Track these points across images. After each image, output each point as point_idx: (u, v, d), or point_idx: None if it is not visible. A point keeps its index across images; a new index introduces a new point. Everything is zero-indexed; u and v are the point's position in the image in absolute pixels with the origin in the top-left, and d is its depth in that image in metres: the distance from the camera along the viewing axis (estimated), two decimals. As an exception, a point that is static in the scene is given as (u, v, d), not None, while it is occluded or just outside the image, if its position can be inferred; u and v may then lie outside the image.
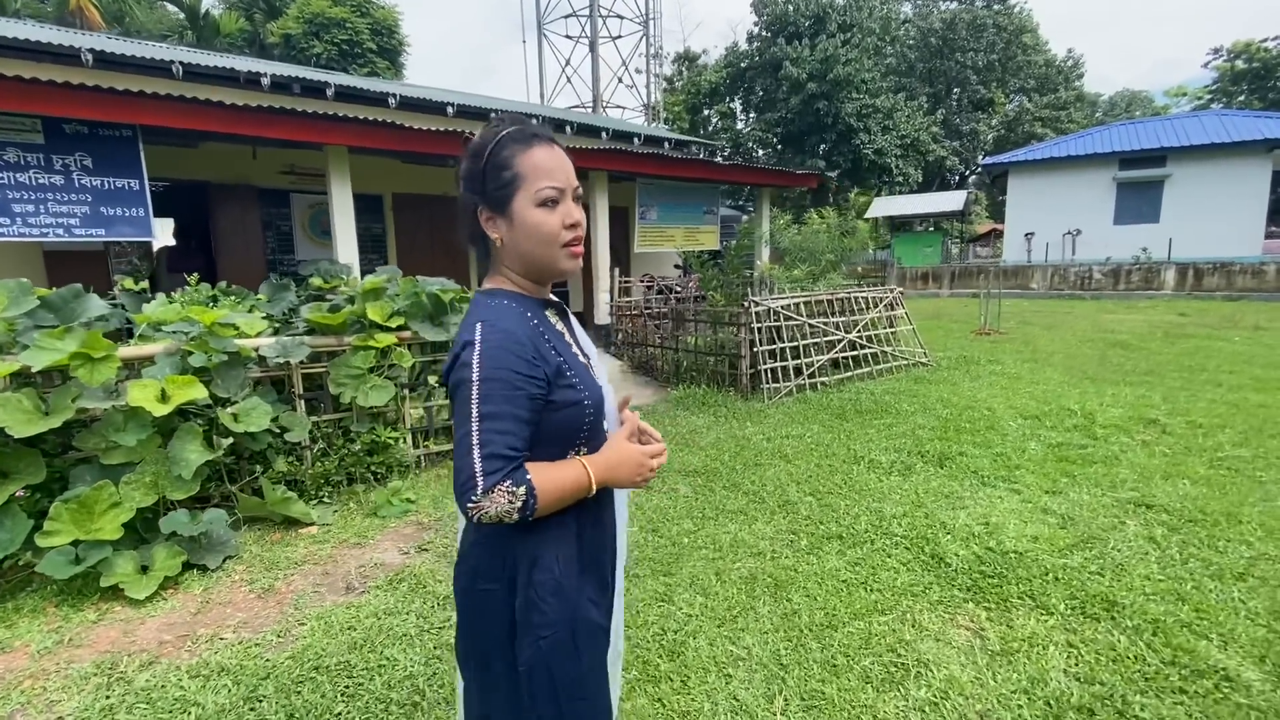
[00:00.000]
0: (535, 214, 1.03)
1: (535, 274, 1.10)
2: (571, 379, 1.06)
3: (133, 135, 5.05)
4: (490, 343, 0.99)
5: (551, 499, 0.99)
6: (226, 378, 3.45)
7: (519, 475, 0.96)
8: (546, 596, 1.06)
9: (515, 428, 0.97)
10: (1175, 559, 2.90)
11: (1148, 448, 4.45)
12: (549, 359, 1.03)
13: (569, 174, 1.07)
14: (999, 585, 2.71)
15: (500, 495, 0.94)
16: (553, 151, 1.06)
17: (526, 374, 0.99)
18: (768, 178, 9.59)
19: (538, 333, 1.05)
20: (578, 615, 1.08)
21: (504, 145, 1.04)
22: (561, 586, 1.07)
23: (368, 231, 8.15)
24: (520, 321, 1.03)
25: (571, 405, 1.05)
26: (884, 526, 3.30)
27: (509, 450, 0.96)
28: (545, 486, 0.98)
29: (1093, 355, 8.05)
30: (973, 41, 28.18)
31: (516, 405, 0.98)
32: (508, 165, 1.03)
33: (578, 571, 1.11)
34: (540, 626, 1.06)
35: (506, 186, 1.03)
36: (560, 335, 1.12)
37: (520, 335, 1.01)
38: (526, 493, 0.95)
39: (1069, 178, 17.19)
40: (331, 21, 20.03)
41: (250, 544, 3.29)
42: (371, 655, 2.33)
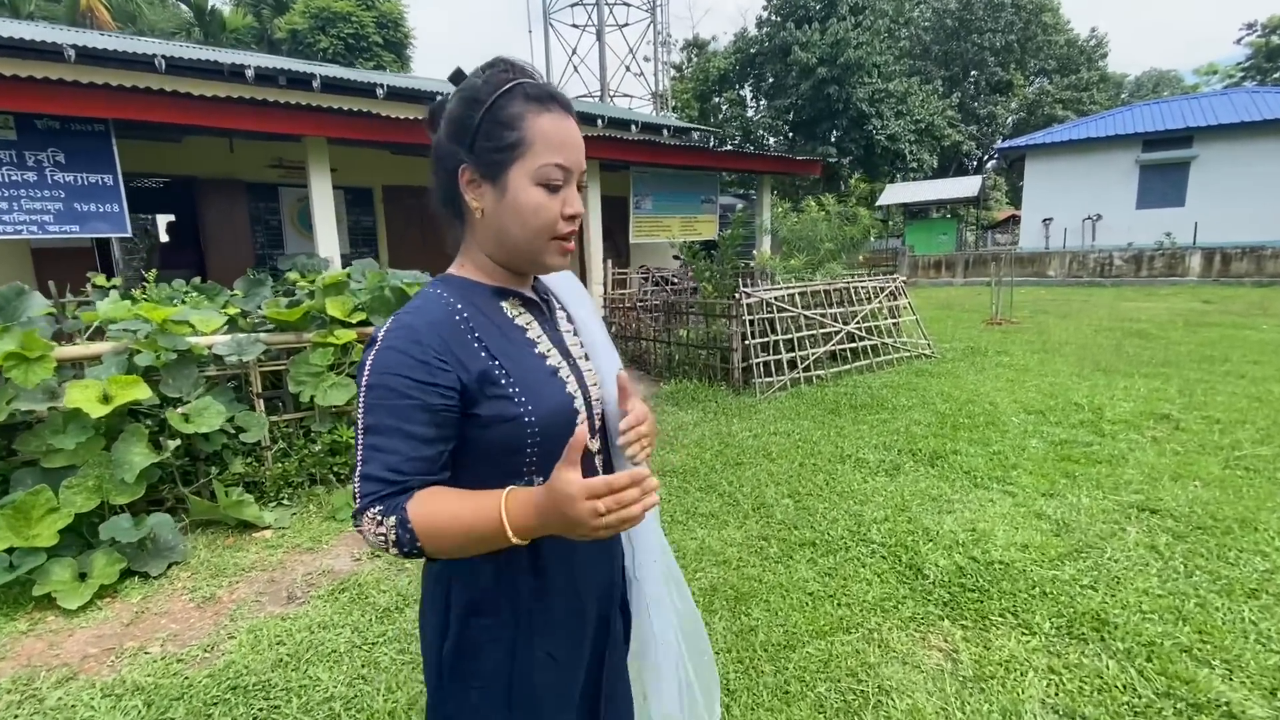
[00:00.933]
0: (533, 193, 0.84)
1: (513, 262, 0.91)
2: (508, 388, 0.84)
3: (105, 130, 4.96)
4: (387, 342, 0.81)
5: (443, 537, 0.77)
6: (178, 377, 3.33)
7: (392, 503, 0.77)
8: (484, 643, 0.89)
9: (403, 446, 0.79)
10: (1179, 571, 2.66)
11: (1158, 445, 4.18)
12: (469, 363, 0.83)
13: (580, 155, 0.87)
14: (979, 600, 2.50)
15: (368, 523, 0.78)
16: (568, 123, 0.86)
17: (424, 380, 0.79)
18: (766, 164, 9.30)
19: (461, 329, 0.84)
20: (519, 672, 0.90)
21: (513, 98, 0.83)
22: (503, 636, 0.90)
23: (358, 224, 8.06)
24: (438, 314, 0.84)
25: (506, 421, 0.84)
26: (862, 532, 3.09)
27: (388, 473, 0.78)
28: (430, 522, 0.76)
29: (1108, 345, 7.71)
30: (990, 22, 27.35)
31: (406, 419, 0.79)
32: (512, 125, 0.83)
33: (534, 622, 0.91)
34: (472, 675, 0.90)
35: (505, 150, 0.83)
36: (517, 330, 0.91)
37: (423, 333, 0.81)
38: (397, 525, 0.76)
39: (1089, 161, 16.61)
40: (337, 15, 20.02)
41: (200, 549, 3.17)
42: (294, 674, 2.20)
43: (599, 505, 0.71)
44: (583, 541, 0.81)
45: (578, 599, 0.96)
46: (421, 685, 2.12)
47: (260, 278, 4.64)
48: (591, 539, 0.75)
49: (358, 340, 3.83)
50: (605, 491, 0.71)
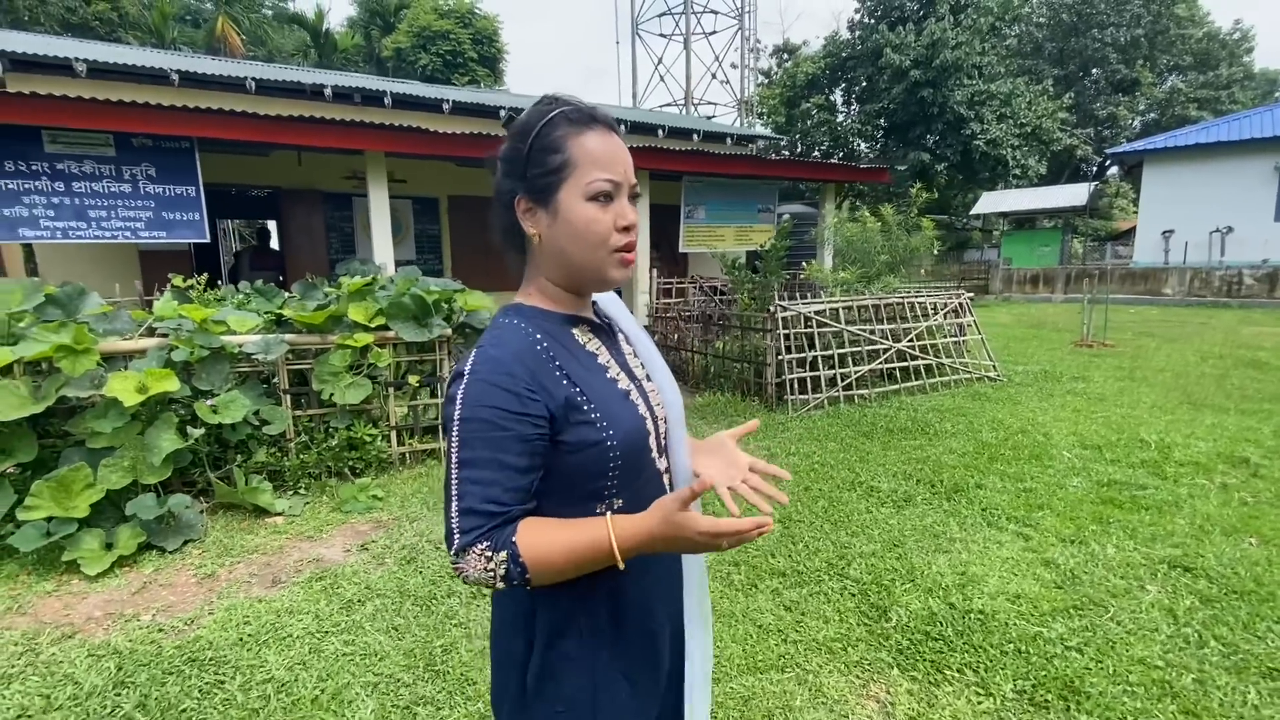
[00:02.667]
0: (585, 209, 0.86)
1: (575, 282, 0.93)
2: (590, 413, 0.87)
3: (190, 147, 5.55)
4: (477, 374, 0.83)
5: (552, 568, 0.80)
6: (211, 371, 3.67)
7: (500, 536, 0.79)
8: (568, 669, 0.92)
9: (500, 477, 0.81)
10: (1190, 640, 2.34)
11: (1224, 494, 3.69)
12: (555, 391, 0.85)
13: (627, 168, 0.90)
14: (941, 651, 2.31)
15: (475, 559, 0.79)
16: (611, 139, 0.89)
17: (517, 411, 0.81)
18: (827, 173, 8.96)
19: (543, 358, 0.87)
20: (600, 696, 0.93)
21: (556, 125, 0.88)
22: (584, 659, 0.92)
23: (424, 233, 8.53)
24: (520, 345, 0.87)
25: (590, 447, 0.86)
26: (841, 566, 2.93)
27: (489, 505, 0.80)
28: (541, 554, 0.79)
29: (1210, 376, 6.87)
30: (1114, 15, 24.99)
31: (503, 450, 0.81)
32: (558, 148, 0.86)
33: (612, 642, 0.94)
34: (555, 700, 0.92)
35: (554, 173, 0.87)
36: (589, 356, 0.93)
37: (511, 365, 0.83)
38: (509, 559, 0.78)
39: (1219, 167, 14.82)
40: (437, 34, 21.27)
41: (218, 530, 3.47)
42: (247, 654, 2.36)
43: (723, 543, 0.80)
44: (655, 564, 0.94)
45: (651, 619, 0.97)
46: (351, 675, 2.23)
47: (316, 282, 5.02)
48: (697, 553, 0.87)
49: (376, 344, 4.06)
50: (731, 533, 0.79)
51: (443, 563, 3.05)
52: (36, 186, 5.08)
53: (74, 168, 5.15)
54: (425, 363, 4.37)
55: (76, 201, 5.17)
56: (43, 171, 5.05)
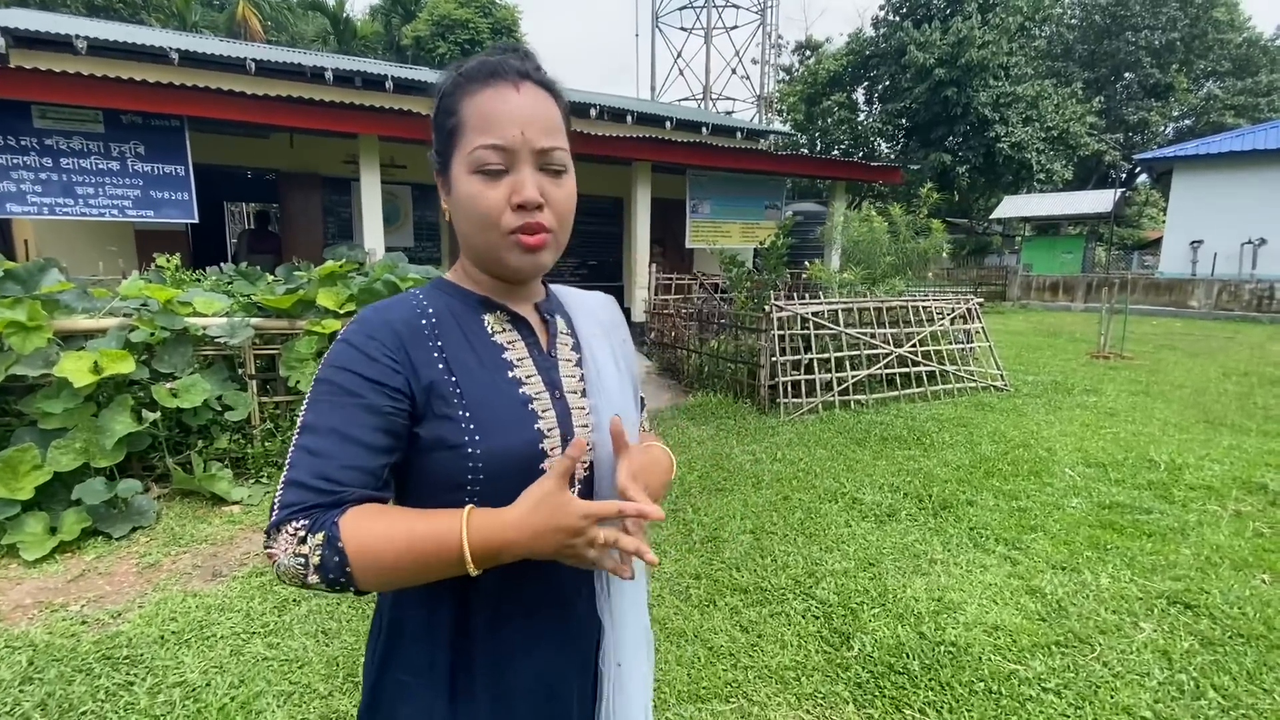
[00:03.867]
0: (469, 183, 0.73)
1: (485, 267, 0.79)
2: (457, 408, 0.72)
3: (180, 125, 5.47)
4: (345, 335, 0.73)
5: (380, 562, 0.64)
6: (173, 354, 3.56)
7: (321, 517, 0.64)
8: (398, 705, 0.77)
9: (340, 450, 0.68)
10: (1185, 689, 2.13)
11: (1237, 522, 3.44)
12: (422, 370, 0.72)
13: (529, 128, 0.73)
14: (904, 687, 2.12)
15: (286, 540, 0.64)
16: (510, 96, 0.73)
17: (372, 378, 0.70)
18: (836, 171, 8.69)
19: (423, 333, 0.75)
20: None
21: (456, 85, 0.76)
22: (422, 699, 0.76)
23: (423, 220, 8.42)
24: (402, 312, 0.76)
25: (443, 449, 0.72)
26: (809, 584, 2.74)
27: (318, 480, 0.66)
28: (367, 541, 0.63)
29: (1232, 393, 6.55)
30: (1149, 18, 24.23)
31: (349, 421, 0.69)
32: (452, 109, 0.75)
33: (449, 685, 0.76)
34: None
35: (448, 139, 0.75)
36: (492, 348, 0.78)
37: (379, 329, 0.73)
38: (325, 543, 0.63)
39: (1252, 176, 14.25)
40: (456, 23, 21.19)
41: (171, 517, 3.37)
42: (164, 653, 2.24)
43: (599, 534, 0.65)
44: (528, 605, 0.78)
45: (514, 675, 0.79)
46: (267, 683, 2.10)
47: (302, 266, 4.91)
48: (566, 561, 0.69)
49: (345, 331, 3.93)
50: (611, 515, 0.66)
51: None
52: (25, 162, 5.03)
53: (62, 144, 5.10)
54: (399, 352, 4.23)
55: (64, 178, 5.11)
56: (31, 147, 4.99)
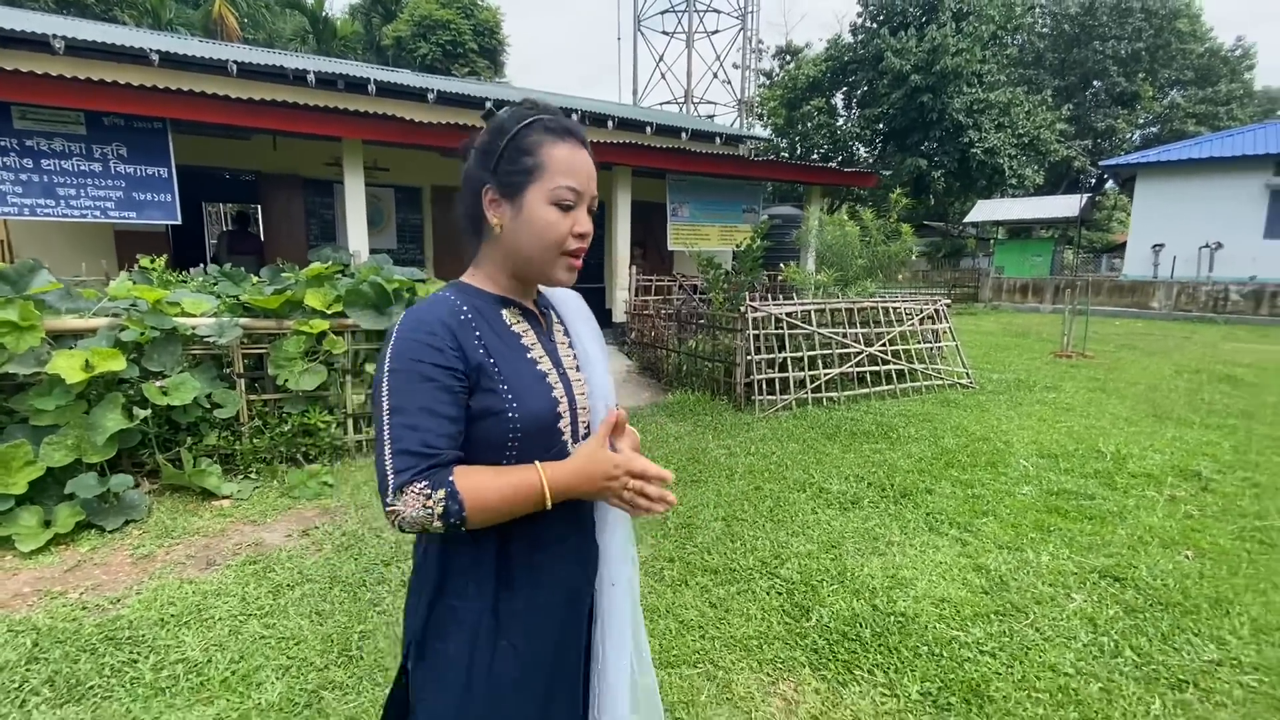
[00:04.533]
0: (547, 211, 0.94)
1: (523, 275, 1.00)
2: (498, 383, 0.93)
3: (163, 127, 5.53)
4: (404, 333, 0.90)
5: (488, 506, 0.86)
6: (162, 353, 3.67)
7: (438, 476, 0.84)
8: (450, 627, 0.95)
9: (432, 423, 0.86)
10: (1106, 649, 2.36)
11: (1171, 506, 3.71)
12: (470, 355, 0.91)
13: (591, 181, 0.99)
14: (856, 652, 2.32)
15: (413, 498, 0.83)
16: (581, 153, 0.98)
17: (441, 364, 0.88)
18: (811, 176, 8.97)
19: (465, 325, 0.93)
20: (479, 660, 0.95)
21: (533, 129, 0.96)
22: (471, 621, 0.95)
23: (406, 222, 8.52)
24: (445, 311, 0.93)
25: (490, 416, 0.92)
26: (774, 565, 2.94)
27: (423, 447, 0.85)
28: (478, 491, 0.85)
29: (1183, 389, 6.89)
30: (1116, 28, 25.00)
31: (431, 399, 0.87)
32: (531, 151, 0.95)
33: (494, 607, 0.96)
34: (439, 658, 0.96)
35: (524, 174, 0.94)
36: (513, 336, 0.99)
37: (434, 325, 0.90)
38: (447, 497, 0.83)
39: (1210, 183, 14.85)
40: (437, 23, 21.21)
41: (162, 511, 3.47)
42: (165, 633, 2.37)
43: (630, 482, 0.92)
44: (549, 539, 1.00)
45: (542, 590, 1.00)
46: (265, 658, 2.24)
47: (286, 268, 5.01)
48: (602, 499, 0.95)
49: (333, 331, 4.06)
50: (639, 473, 0.92)
51: (380, 550, 3.05)
52: (4, 163, 5.06)
53: (43, 145, 5.14)
54: (384, 351, 4.36)
55: (45, 179, 5.16)
56: (11, 148, 5.03)
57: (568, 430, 1.01)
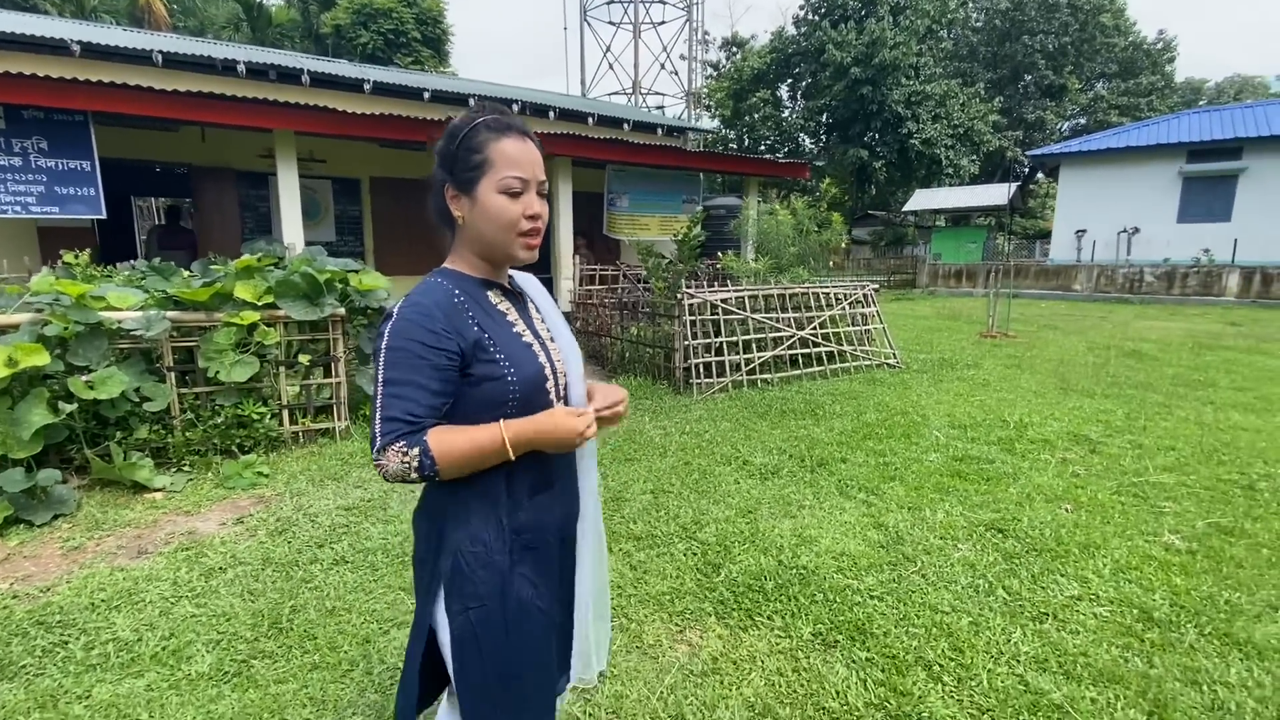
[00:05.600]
0: (497, 200, 1.09)
1: (489, 256, 1.15)
2: (494, 354, 1.09)
3: (84, 120, 5.38)
4: (403, 315, 1.05)
5: (456, 459, 1.03)
6: (87, 347, 3.64)
7: (414, 438, 1.01)
8: (476, 568, 1.11)
9: (416, 394, 1.03)
10: (980, 589, 2.64)
11: (1061, 467, 4.07)
12: (466, 333, 1.07)
13: (535, 168, 1.12)
14: (758, 601, 2.54)
15: (393, 455, 1.01)
16: (524, 144, 1.11)
17: (433, 345, 1.04)
18: (749, 167, 9.25)
19: (459, 308, 1.09)
20: (508, 592, 1.12)
21: (478, 131, 1.10)
22: (493, 560, 1.11)
23: (345, 214, 8.43)
24: (441, 296, 1.08)
25: (492, 380, 1.09)
26: (693, 530, 3.15)
27: (405, 415, 1.02)
28: (446, 448, 1.02)
29: (1092, 364, 7.42)
30: (1043, 23, 26.17)
31: (419, 373, 1.03)
32: (479, 150, 1.09)
33: (510, 546, 1.13)
34: (469, 597, 1.11)
35: (474, 170, 1.09)
36: (499, 313, 1.15)
37: (430, 309, 1.06)
38: (420, 454, 1.00)
39: (1128, 171, 15.80)
40: (378, 11, 20.72)
41: (92, 505, 3.47)
42: (96, 617, 2.43)
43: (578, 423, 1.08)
44: (545, 484, 1.18)
45: (543, 530, 1.19)
46: (195, 634, 2.32)
47: (219, 261, 4.97)
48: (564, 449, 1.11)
49: (264, 323, 4.09)
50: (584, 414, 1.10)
51: (314, 533, 3.14)
52: (-87, 157, 4.87)
53: (-45, 138, 4.96)
54: (318, 342, 4.40)
55: (-43, 174, 4.98)
56: (-80, 142, 4.84)
57: (553, 390, 1.18)
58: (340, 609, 2.49)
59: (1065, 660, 2.18)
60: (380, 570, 2.80)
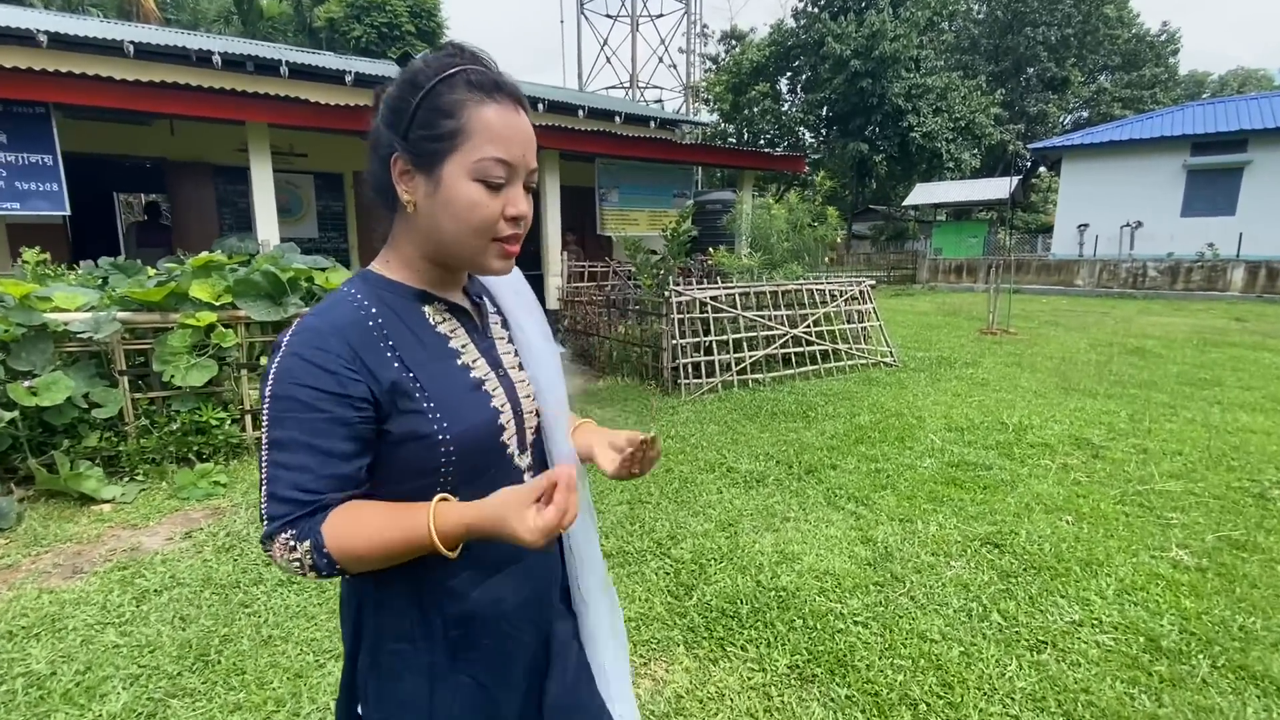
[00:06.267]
0: (470, 189, 0.76)
1: (444, 261, 0.82)
2: (421, 402, 0.77)
3: (45, 113, 5.18)
4: (291, 348, 0.74)
5: (362, 556, 0.72)
6: (31, 351, 3.45)
7: (305, 526, 0.72)
8: (402, 671, 0.82)
9: (313, 462, 0.73)
10: (974, 613, 2.44)
11: (1062, 474, 3.86)
12: (380, 373, 0.76)
13: (527, 149, 0.79)
14: (732, 629, 2.34)
15: (279, 549, 0.72)
16: (515, 116, 0.78)
17: (334, 391, 0.73)
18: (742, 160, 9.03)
19: (372, 335, 0.77)
20: (438, 697, 0.83)
21: (454, 85, 0.75)
22: (423, 661, 0.82)
23: (327, 210, 8.22)
24: (345, 319, 0.77)
25: (412, 441, 0.77)
26: (668, 546, 2.95)
27: (298, 493, 0.72)
28: (348, 544, 0.72)
29: (1095, 362, 7.21)
30: (1046, 14, 25.84)
31: (317, 434, 0.73)
32: (452, 112, 0.75)
33: (452, 647, 0.83)
34: (389, 700, 0.83)
35: (441, 140, 0.75)
36: (437, 339, 0.83)
37: (328, 339, 0.74)
38: (312, 550, 0.71)
39: (1131, 164, 15.54)
40: (372, 4, 20.43)
41: (35, 519, 3.28)
42: (13, 646, 2.23)
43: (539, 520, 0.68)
44: (508, 559, 0.85)
45: (504, 622, 0.87)
46: (115, 668, 2.13)
47: (179, 259, 4.78)
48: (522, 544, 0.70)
49: (222, 324, 3.89)
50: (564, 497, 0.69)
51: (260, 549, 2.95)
52: None
53: (-92, 131, 4.76)
54: (284, 344, 4.20)
55: (-89, 168, 4.78)
56: None
57: (513, 442, 0.87)
58: (276, 638, 2.30)
59: (1065, 698, 1.98)
60: (328, 592, 2.60)
